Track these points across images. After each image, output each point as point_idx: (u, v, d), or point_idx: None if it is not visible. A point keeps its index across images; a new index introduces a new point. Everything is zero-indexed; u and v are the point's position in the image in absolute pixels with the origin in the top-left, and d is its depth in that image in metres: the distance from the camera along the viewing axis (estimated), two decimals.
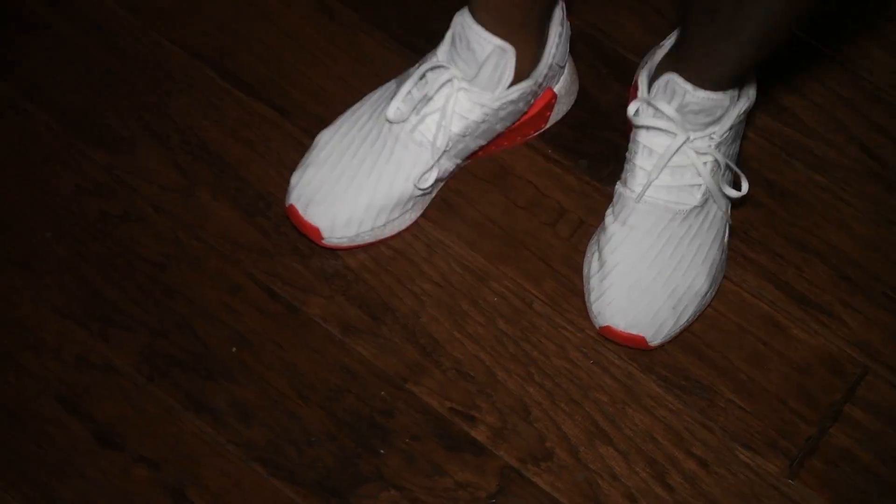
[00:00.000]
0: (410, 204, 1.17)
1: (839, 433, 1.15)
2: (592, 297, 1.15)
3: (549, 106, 1.21)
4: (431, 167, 1.14)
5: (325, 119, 1.22)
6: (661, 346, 1.15)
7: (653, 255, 1.13)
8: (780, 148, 1.27)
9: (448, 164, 1.16)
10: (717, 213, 1.16)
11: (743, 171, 1.25)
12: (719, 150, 1.13)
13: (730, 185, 1.16)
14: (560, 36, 1.15)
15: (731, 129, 1.12)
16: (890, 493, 1.12)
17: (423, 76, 1.13)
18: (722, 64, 1.05)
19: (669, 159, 1.12)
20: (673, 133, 1.11)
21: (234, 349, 1.14)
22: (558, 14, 1.15)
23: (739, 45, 1.01)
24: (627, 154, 1.15)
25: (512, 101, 1.14)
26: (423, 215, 1.20)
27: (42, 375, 1.11)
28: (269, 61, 1.27)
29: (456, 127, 1.13)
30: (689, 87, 1.08)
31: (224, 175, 1.21)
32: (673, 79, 1.09)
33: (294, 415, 1.12)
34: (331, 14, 1.30)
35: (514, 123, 1.19)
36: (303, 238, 1.18)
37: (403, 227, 1.18)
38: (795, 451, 1.14)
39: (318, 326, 1.15)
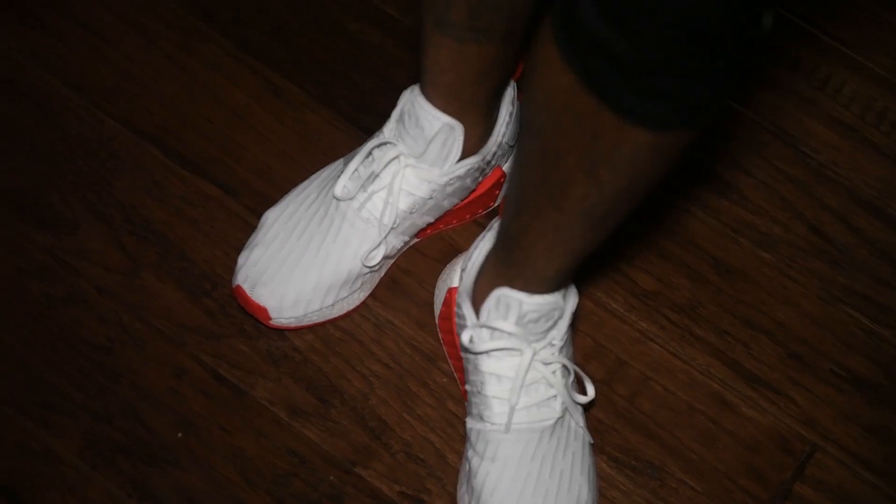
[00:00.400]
0: (359, 283, 1.16)
1: None
2: None
3: (499, 184, 1.21)
4: (378, 244, 1.13)
5: (271, 197, 1.21)
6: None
7: (534, 481, 1.07)
8: (726, 225, 1.28)
9: (396, 242, 1.16)
10: (575, 426, 1.10)
11: (689, 250, 1.26)
12: (563, 355, 1.08)
13: (576, 391, 1.10)
14: (511, 115, 1.16)
15: (567, 329, 1.07)
16: None
17: (369, 153, 1.13)
18: (561, 257, 0.97)
19: (524, 380, 1.05)
20: (517, 350, 1.05)
21: (179, 434, 1.12)
22: (509, 93, 1.15)
23: (586, 228, 0.92)
24: (470, 387, 1.09)
25: (459, 177, 1.13)
26: (371, 295, 1.19)
27: None
28: (214, 139, 1.26)
29: (403, 204, 1.13)
30: (523, 296, 1.02)
31: (169, 255, 1.19)
32: (505, 293, 1.02)
33: (240, 500, 1.10)
34: (277, 92, 1.29)
35: (462, 202, 1.19)
36: (249, 319, 1.17)
37: (352, 307, 1.17)
38: None
39: (266, 410, 1.14)
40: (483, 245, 1.11)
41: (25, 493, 1.08)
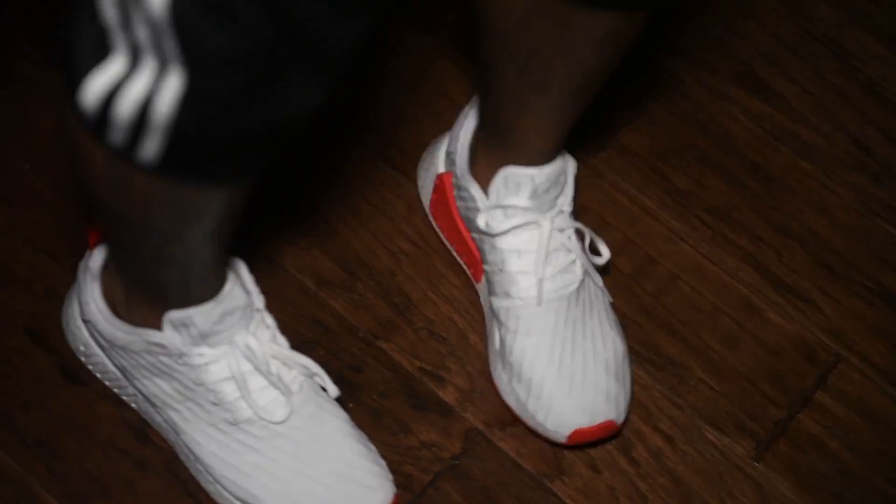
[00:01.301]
0: None
1: (807, 419, 1.15)
2: (540, 417, 1.07)
3: None
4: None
5: None
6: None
7: (570, 346, 1.07)
8: (769, 132, 1.27)
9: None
10: (594, 287, 1.10)
11: (728, 154, 1.26)
12: (574, 219, 1.08)
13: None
14: None
15: (572, 193, 1.07)
16: (854, 482, 1.12)
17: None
18: (557, 128, 0.99)
19: (548, 252, 1.05)
20: (534, 223, 1.05)
21: None
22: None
23: (574, 101, 0.95)
24: (489, 267, 1.09)
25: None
26: (404, 174, 1.19)
27: (11, 307, 1.10)
28: None
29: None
30: (533, 171, 1.02)
31: None
32: (512, 171, 1.03)
33: None
34: None
35: None
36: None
37: None
38: (763, 433, 1.13)
39: (293, 278, 1.15)
40: (468, 125, 1.10)
41: (52, 338, 1.09)
